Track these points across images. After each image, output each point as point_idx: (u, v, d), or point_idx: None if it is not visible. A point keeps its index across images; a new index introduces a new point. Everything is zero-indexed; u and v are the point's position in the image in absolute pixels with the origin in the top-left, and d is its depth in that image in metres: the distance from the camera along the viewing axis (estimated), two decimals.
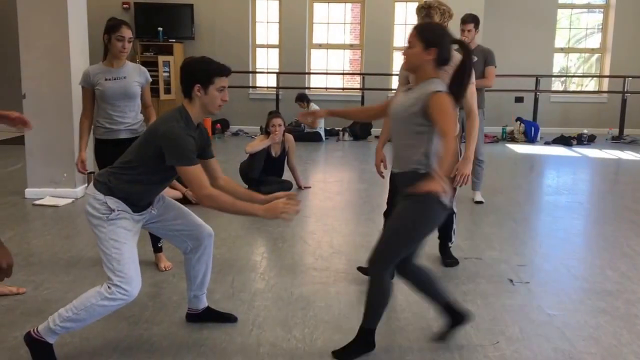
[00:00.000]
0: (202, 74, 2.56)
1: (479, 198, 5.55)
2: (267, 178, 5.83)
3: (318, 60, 11.08)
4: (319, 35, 10.96)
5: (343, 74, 11.55)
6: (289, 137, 6.04)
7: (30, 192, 5.49)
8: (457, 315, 2.79)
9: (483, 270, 3.82)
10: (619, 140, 9.89)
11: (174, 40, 10.02)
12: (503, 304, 3.30)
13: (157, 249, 3.78)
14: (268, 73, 10.93)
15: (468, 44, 2.86)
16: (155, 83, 9.27)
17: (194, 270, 2.88)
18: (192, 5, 10.11)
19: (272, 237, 4.50)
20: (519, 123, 9.98)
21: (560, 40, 11.12)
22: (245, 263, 3.93)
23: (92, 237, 2.62)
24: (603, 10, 11.02)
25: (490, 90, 6.89)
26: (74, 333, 2.73)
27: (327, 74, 11.05)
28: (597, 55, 11.34)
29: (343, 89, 11.24)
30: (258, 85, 10.94)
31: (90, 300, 2.45)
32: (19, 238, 4.33)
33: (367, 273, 2.70)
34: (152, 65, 9.16)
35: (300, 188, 6.08)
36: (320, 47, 10.99)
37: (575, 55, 11.84)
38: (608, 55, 10.89)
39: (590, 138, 9.76)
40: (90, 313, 2.45)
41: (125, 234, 2.54)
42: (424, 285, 2.75)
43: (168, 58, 9.84)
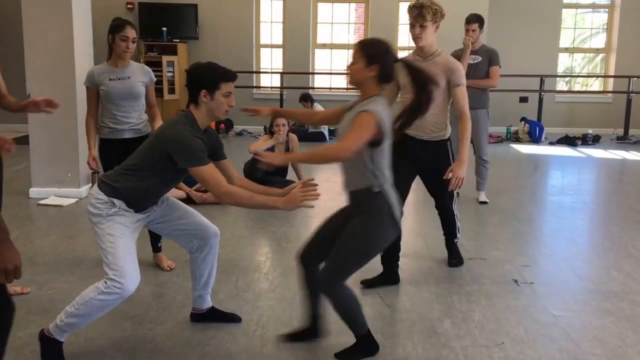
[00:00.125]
0: (208, 80, 2.57)
1: (483, 198, 5.54)
2: (271, 178, 5.82)
3: (322, 60, 11.06)
4: (323, 35, 10.95)
5: (347, 74, 11.50)
6: (293, 137, 6.03)
7: (35, 191, 5.50)
8: (314, 330, 2.79)
9: (487, 271, 3.81)
10: (624, 141, 9.85)
11: (178, 41, 10.01)
12: (507, 305, 3.29)
13: (156, 249, 3.78)
14: (272, 73, 10.92)
15: (416, 66, 2.55)
16: (159, 83, 9.28)
17: (200, 270, 2.89)
18: (196, 6, 10.11)
19: (276, 237, 4.49)
20: (524, 123, 9.95)
21: (565, 40, 11.08)
22: (250, 263, 3.93)
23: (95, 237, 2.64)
24: (608, 10, 10.98)
25: (495, 90, 6.89)
26: (79, 333, 2.74)
27: (331, 74, 11.03)
28: (602, 55, 11.30)
29: (347, 89, 11.22)
30: (262, 85, 10.94)
31: (89, 295, 2.47)
32: (24, 238, 4.34)
33: (323, 292, 2.58)
34: (156, 65, 9.16)
35: None
36: (324, 47, 10.98)
37: (580, 55, 11.80)
38: (613, 55, 10.85)
39: (595, 138, 9.72)
40: (89, 308, 2.47)
41: (123, 230, 2.55)
42: (313, 287, 2.69)
43: (172, 58, 9.84)
